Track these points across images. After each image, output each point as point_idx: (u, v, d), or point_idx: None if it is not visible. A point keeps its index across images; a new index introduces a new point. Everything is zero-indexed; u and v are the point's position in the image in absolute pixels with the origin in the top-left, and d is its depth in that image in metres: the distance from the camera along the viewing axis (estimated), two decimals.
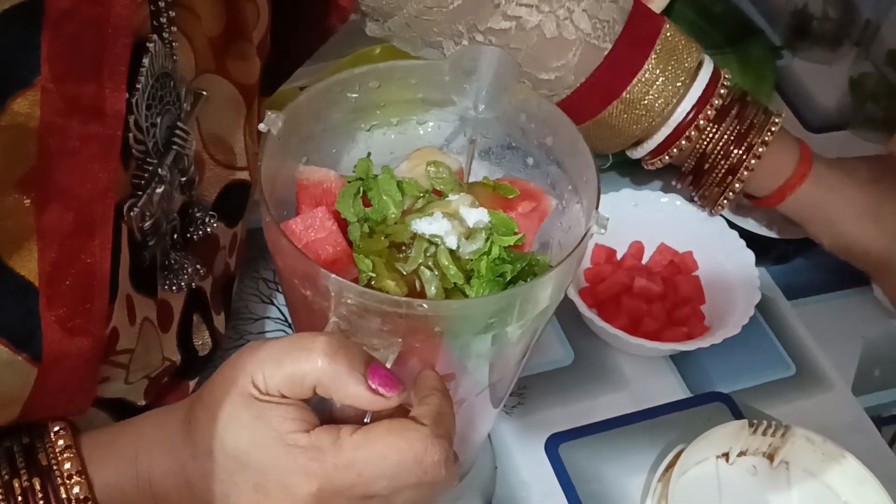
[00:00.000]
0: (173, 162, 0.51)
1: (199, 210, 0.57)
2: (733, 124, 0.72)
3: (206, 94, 0.53)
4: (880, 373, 0.74)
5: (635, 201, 0.77)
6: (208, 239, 0.58)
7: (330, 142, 0.52)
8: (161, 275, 0.54)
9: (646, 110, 0.70)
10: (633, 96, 0.69)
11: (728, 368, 0.72)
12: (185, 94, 0.51)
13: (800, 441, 0.64)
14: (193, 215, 0.56)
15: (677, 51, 0.70)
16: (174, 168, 0.52)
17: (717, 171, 0.73)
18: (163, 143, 0.50)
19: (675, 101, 0.70)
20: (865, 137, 0.92)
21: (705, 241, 0.75)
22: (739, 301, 0.72)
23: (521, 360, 0.53)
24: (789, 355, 0.74)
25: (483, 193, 0.51)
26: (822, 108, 0.95)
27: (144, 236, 0.50)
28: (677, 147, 0.72)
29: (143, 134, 0.48)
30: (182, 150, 0.52)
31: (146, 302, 0.52)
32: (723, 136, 0.72)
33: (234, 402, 0.41)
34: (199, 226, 0.57)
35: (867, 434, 0.70)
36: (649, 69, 0.69)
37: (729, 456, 0.65)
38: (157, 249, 0.53)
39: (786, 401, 0.71)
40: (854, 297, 0.79)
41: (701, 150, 0.72)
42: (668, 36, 0.70)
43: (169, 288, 0.55)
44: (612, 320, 0.70)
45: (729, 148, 0.72)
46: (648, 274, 0.74)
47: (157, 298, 0.54)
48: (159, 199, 0.50)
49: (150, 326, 0.53)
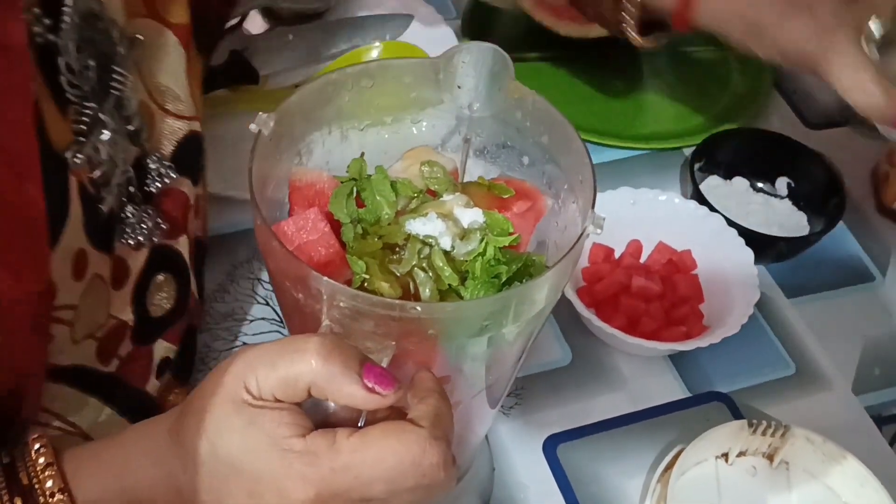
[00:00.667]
0: (115, 108, 0.51)
1: (154, 161, 0.56)
2: None
3: (140, 37, 0.53)
4: (881, 372, 0.74)
5: (633, 199, 0.76)
6: (172, 195, 0.57)
7: (322, 142, 0.52)
8: (118, 228, 0.53)
9: None
10: None
11: (727, 368, 0.72)
12: (119, 38, 0.51)
13: (800, 441, 0.63)
14: (148, 167, 0.55)
15: None
16: (117, 114, 0.51)
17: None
18: (100, 88, 0.50)
19: None
20: (865, 134, 0.91)
21: (704, 240, 0.75)
22: (738, 300, 0.71)
23: (518, 361, 0.53)
24: (789, 354, 0.73)
25: (478, 193, 0.50)
26: (822, 105, 0.94)
27: (97, 188, 0.50)
28: None
29: (75, 77, 0.47)
30: (122, 95, 0.51)
31: (101, 258, 0.51)
32: None
33: (224, 408, 0.40)
34: (155, 178, 0.56)
35: (868, 434, 0.69)
36: None
37: (728, 456, 0.65)
38: (112, 203, 0.52)
39: (785, 400, 0.71)
40: (854, 295, 0.78)
41: None
42: None
43: (126, 242, 0.54)
44: (610, 320, 0.69)
45: None
46: (647, 273, 0.74)
47: (114, 254, 0.53)
48: (107, 148, 0.49)
49: (99, 282, 0.52)
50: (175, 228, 0.58)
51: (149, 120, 0.55)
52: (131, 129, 0.53)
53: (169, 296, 0.59)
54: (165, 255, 0.58)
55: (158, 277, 0.57)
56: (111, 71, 0.50)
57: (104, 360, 0.54)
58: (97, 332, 0.53)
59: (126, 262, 0.54)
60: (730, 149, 0.83)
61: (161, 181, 0.56)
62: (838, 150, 0.87)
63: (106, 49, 0.50)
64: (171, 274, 0.58)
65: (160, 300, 0.58)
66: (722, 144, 0.83)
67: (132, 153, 0.53)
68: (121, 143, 0.52)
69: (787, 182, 0.83)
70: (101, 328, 0.53)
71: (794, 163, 0.82)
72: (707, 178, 0.83)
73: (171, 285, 0.59)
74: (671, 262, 0.75)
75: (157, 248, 0.56)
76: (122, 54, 0.51)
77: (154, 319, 0.58)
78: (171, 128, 0.57)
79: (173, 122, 0.57)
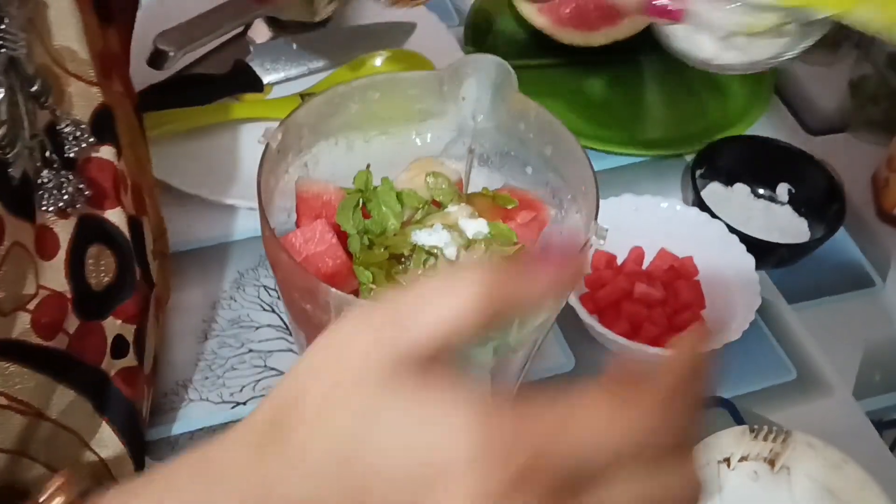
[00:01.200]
0: (11, 67, 0.50)
1: (67, 126, 0.54)
2: None
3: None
4: (881, 377, 0.74)
5: (636, 206, 0.77)
6: (95, 162, 0.56)
7: (329, 152, 0.52)
8: (37, 195, 0.52)
9: None
10: None
11: (729, 373, 0.72)
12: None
13: (801, 446, 0.64)
14: (63, 132, 0.54)
15: None
16: (12, 73, 0.50)
17: None
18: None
19: None
20: (865, 140, 0.92)
21: (705, 246, 0.75)
22: (740, 306, 0.72)
23: (523, 369, 0.53)
24: (790, 360, 0.74)
25: (482, 204, 0.51)
26: (822, 111, 0.95)
27: (3, 150, 0.49)
28: None
29: None
30: (13, 53, 0.50)
31: (21, 225, 0.50)
32: None
33: (368, 394, 0.30)
34: (72, 143, 0.54)
35: (868, 439, 0.70)
36: None
37: (730, 461, 0.66)
38: (25, 166, 0.51)
39: (787, 405, 0.71)
40: (855, 301, 0.79)
41: None
42: None
43: (46, 209, 0.52)
44: (613, 326, 0.70)
45: None
46: (649, 279, 0.74)
47: (36, 223, 0.52)
48: (5, 107, 0.48)
49: (21, 251, 0.50)
50: (102, 197, 0.56)
51: (55, 82, 0.54)
52: (34, 90, 0.52)
53: (107, 268, 0.57)
54: (96, 224, 0.56)
55: (91, 248, 0.56)
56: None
57: (45, 335, 0.52)
58: (28, 304, 0.51)
59: (53, 231, 0.53)
60: (731, 155, 0.83)
61: (78, 145, 0.54)
62: (838, 156, 0.87)
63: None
64: (105, 245, 0.57)
65: (99, 272, 0.57)
66: (723, 151, 0.83)
67: (42, 117, 0.52)
68: (23, 104, 0.51)
69: (788, 188, 0.83)
70: (32, 300, 0.52)
71: (795, 169, 0.83)
72: (709, 184, 0.83)
73: (109, 258, 0.57)
74: (673, 269, 0.76)
75: (87, 217, 0.55)
76: (12, 13, 0.50)
77: (96, 293, 0.56)
78: (85, 93, 0.56)
79: (87, 87, 0.56)
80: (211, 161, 0.81)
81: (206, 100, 0.83)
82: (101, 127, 0.56)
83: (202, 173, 0.79)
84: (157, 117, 0.81)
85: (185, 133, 0.82)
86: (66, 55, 0.55)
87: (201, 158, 0.81)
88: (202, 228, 0.77)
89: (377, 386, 0.30)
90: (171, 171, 0.77)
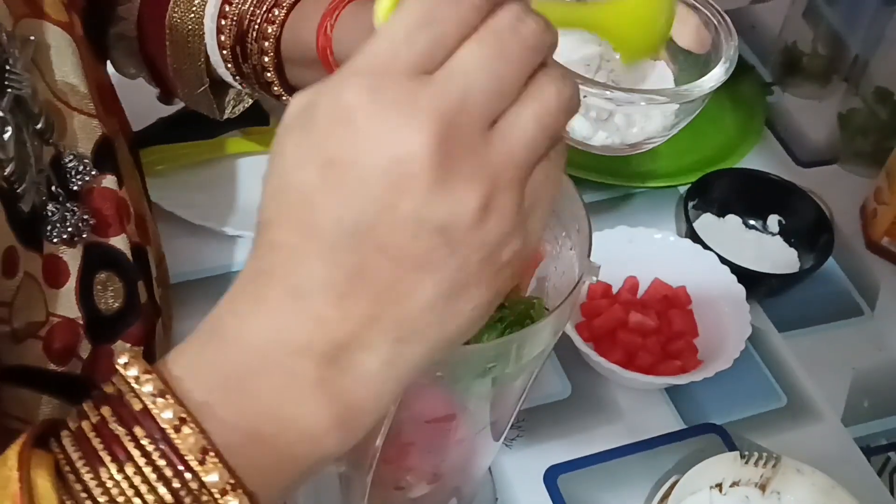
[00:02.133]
0: (16, 106, 0.51)
1: (71, 160, 0.56)
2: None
3: (32, 38, 0.53)
4: (869, 404, 0.76)
5: (630, 238, 0.79)
6: (98, 192, 0.57)
7: None
8: (43, 227, 0.53)
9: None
10: None
11: (721, 400, 0.74)
12: (8, 40, 0.51)
13: (790, 472, 0.66)
14: (66, 166, 0.56)
15: None
16: (18, 112, 0.51)
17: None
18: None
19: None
20: (854, 171, 0.94)
21: (698, 276, 0.78)
22: (732, 334, 0.74)
23: (521, 398, 0.55)
24: (781, 387, 0.76)
25: None
26: (812, 143, 0.97)
27: (11, 186, 0.50)
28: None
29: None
30: (19, 93, 0.51)
31: (31, 256, 0.52)
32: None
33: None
34: (75, 176, 0.56)
35: (856, 464, 0.72)
36: None
37: (722, 486, 0.67)
38: (33, 200, 0.52)
39: (777, 431, 0.73)
40: (844, 329, 0.81)
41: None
42: None
43: (50, 239, 0.54)
44: (608, 354, 0.72)
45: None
46: (643, 308, 0.77)
47: (43, 253, 0.53)
48: (12, 145, 0.50)
49: (31, 281, 0.52)
50: (105, 225, 0.58)
51: (57, 118, 0.56)
52: (39, 127, 0.53)
53: (116, 294, 0.58)
54: (102, 251, 0.58)
55: (100, 275, 0.57)
56: (4, 71, 0.51)
57: (60, 360, 0.54)
58: (39, 331, 0.53)
59: (62, 260, 0.55)
60: (723, 187, 0.86)
61: (81, 178, 0.56)
62: (828, 188, 0.90)
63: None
64: (112, 272, 0.58)
65: (108, 298, 0.58)
66: (715, 183, 0.86)
67: (48, 152, 0.54)
68: (29, 141, 0.52)
69: (779, 219, 0.85)
70: (43, 327, 0.53)
71: (785, 201, 0.85)
72: (701, 215, 0.85)
73: (117, 283, 0.59)
74: (666, 298, 0.78)
75: (93, 245, 0.57)
76: (15, 55, 0.52)
77: (107, 318, 0.58)
78: (87, 125, 0.57)
79: (88, 119, 0.58)
80: (216, 192, 0.83)
81: (213, 133, 0.85)
82: (103, 157, 0.58)
83: (207, 204, 0.81)
84: (165, 151, 0.84)
85: (191, 164, 0.84)
86: (67, 90, 0.57)
87: (206, 189, 0.83)
88: (206, 258, 0.79)
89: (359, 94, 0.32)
90: (177, 202, 0.79)
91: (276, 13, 0.64)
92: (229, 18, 0.65)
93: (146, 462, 0.33)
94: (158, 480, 0.33)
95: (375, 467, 0.50)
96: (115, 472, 0.34)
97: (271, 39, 0.64)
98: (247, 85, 0.69)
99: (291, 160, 0.33)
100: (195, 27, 0.66)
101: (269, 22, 0.64)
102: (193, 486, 0.33)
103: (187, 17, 0.67)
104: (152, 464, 0.33)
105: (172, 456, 0.33)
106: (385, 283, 0.33)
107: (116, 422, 0.34)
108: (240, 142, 0.86)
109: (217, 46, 0.66)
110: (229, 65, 0.67)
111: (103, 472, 0.34)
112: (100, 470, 0.34)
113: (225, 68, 0.67)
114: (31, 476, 0.34)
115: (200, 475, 0.33)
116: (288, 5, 0.64)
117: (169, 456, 0.33)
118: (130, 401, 0.34)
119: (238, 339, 0.35)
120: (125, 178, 0.61)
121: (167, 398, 0.34)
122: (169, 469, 0.33)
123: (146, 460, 0.34)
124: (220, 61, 0.67)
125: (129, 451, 0.34)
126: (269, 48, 0.65)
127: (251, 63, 0.66)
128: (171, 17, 0.67)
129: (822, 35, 0.99)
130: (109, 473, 0.34)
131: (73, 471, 0.34)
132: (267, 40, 0.64)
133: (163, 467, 0.33)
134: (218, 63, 0.67)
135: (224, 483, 0.33)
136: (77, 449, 0.35)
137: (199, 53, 0.67)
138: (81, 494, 0.34)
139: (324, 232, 0.33)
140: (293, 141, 0.33)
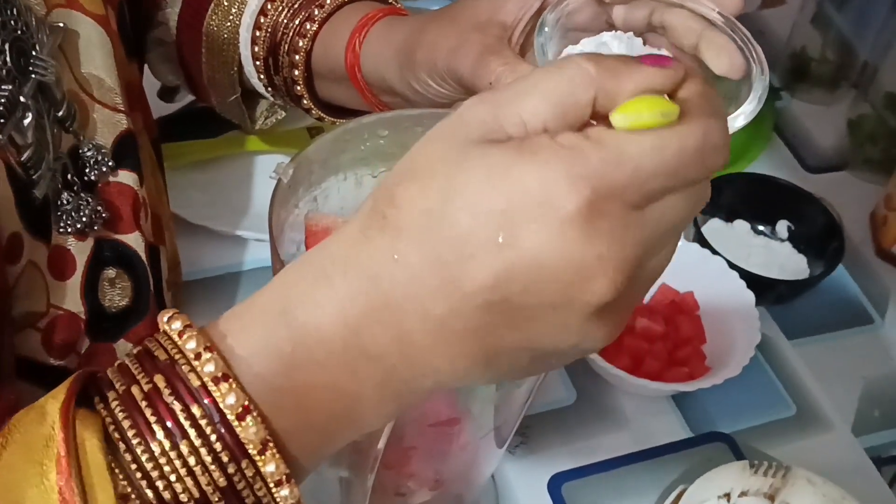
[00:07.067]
0: (39, 92, 0.51)
1: (90, 150, 0.55)
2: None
3: (62, 24, 0.53)
4: (880, 413, 0.75)
5: None
6: (115, 186, 0.57)
7: (338, 188, 0.53)
8: (54, 216, 0.53)
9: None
10: None
11: (729, 408, 0.73)
12: (37, 25, 0.51)
13: (800, 482, 0.65)
14: (84, 155, 0.55)
15: None
16: (40, 98, 0.51)
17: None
18: (18, 72, 0.50)
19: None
20: (863, 178, 0.94)
21: (706, 282, 0.76)
22: (740, 341, 0.72)
23: (525, 403, 0.54)
24: (790, 395, 0.75)
25: None
26: (821, 149, 0.96)
27: (27, 172, 0.50)
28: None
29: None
30: (43, 79, 0.51)
31: (37, 245, 0.51)
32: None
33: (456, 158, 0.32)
34: (93, 167, 0.55)
35: (867, 475, 0.70)
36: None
37: (730, 496, 0.66)
38: (47, 188, 0.51)
39: (786, 441, 0.72)
40: (854, 337, 0.80)
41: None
42: None
43: (63, 230, 0.53)
44: (614, 360, 0.70)
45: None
46: (650, 314, 0.75)
47: (51, 244, 0.52)
48: (32, 131, 0.50)
49: (34, 270, 0.51)
50: (119, 221, 0.57)
51: (80, 108, 0.55)
52: (60, 115, 0.53)
53: (124, 292, 0.58)
54: (113, 247, 0.57)
55: (108, 271, 0.57)
56: (29, 56, 0.50)
57: (56, 354, 0.53)
58: (38, 323, 0.52)
59: (70, 252, 0.54)
60: (731, 192, 0.85)
61: (98, 169, 0.55)
62: (837, 194, 0.89)
63: (20, 33, 0.50)
64: (123, 270, 0.57)
65: (114, 295, 0.57)
66: (724, 188, 0.84)
67: (67, 141, 0.54)
68: (49, 128, 0.52)
69: (788, 225, 0.84)
70: (42, 318, 0.52)
71: (795, 207, 0.84)
72: (709, 220, 0.84)
73: (126, 281, 0.58)
74: (674, 304, 0.77)
75: (103, 239, 0.56)
76: (43, 41, 0.51)
77: (110, 315, 0.57)
78: (110, 119, 0.57)
79: (112, 114, 0.57)
80: (221, 193, 0.82)
81: (217, 132, 0.84)
82: (124, 153, 0.57)
83: (213, 205, 0.81)
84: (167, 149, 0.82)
85: (195, 165, 0.83)
86: (93, 82, 0.56)
87: (212, 190, 0.82)
88: (213, 259, 0.78)
89: (463, 149, 0.33)
90: (183, 203, 0.78)
91: (308, 27, 0.64)
92: (263, 30, 0.65)
93: (202, 443, 0.33)
94: (213, 463, 0.33)
95: (376, 472, 0.49)
96: (168, 448, 0.33)
97: (302, 53, 0.65)
98: (278, 97, 0.69)
99: (469, 199, 0.32)
100: (231, 36, 0.67)
101: (301, 35, 0.64)
102: (249, 474, 0.33)
103: (224, 25, 0.67)
104: (208, 445, 0.33)
105: (231, 442, 0.33)
106: (497, 350, 0.33)
107: (172, 395, 0.33)
108: (243, 140, 0.85)
109: (251, 57, 0.67)
110: (262, 76, 0.67)
111: (155, 446, 0.33)
112: (151, 443, 0.33)
113: (258, 79, 0.68)
114: (78, 436, 0.33)
115: (258, 464, 0.33)
116: (320, 20, 0.64)
117: (227, 442, 0.33)
118: (188, 375, 0.33)
119: (317, 330, 0.34)
120: (146, 177, 0.60)
121: (231, 383, 0.33)
122: (226, 454, 0.33)
123: (202, 440, 0.33)
124: (253, 71, 0.68)
125: (185, 428, 0.33)
126: (300, 62, 0.65)
127: (282, 75, 0.66)
128: (208, 25, 0.67)
129: (830, 41, 0.98)
130: (162, 448, 0.33)
131: (122, 438, 0.33)
132: (298, 54, 0.65)
133: (219, 451, 0.33)
134: (251, 73, 0.68)
135: (280, 474, 0.34)
136: (127, 416, 0.34)
137: (233, 62, 0.68)
138: (132, 465, 0.33)
139: (466, 293, 0.32)
140: (477, 184, 0.32)
